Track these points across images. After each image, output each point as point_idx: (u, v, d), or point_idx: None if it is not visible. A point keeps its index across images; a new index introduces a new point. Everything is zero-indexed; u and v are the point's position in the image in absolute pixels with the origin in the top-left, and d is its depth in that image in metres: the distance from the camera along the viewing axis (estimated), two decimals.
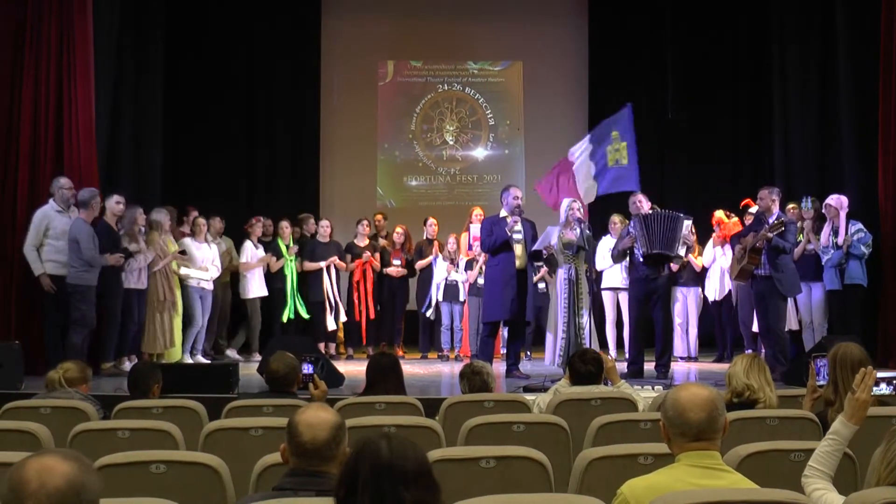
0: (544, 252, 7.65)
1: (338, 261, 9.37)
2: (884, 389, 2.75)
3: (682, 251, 7.60)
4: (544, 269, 9.05)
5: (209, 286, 8.58)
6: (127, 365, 7.43)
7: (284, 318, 9.21)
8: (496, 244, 7.64)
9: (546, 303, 8.79)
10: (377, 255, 9.68)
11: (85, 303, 7.21)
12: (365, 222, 9.76)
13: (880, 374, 2.78)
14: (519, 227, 7.69)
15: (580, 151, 8.30)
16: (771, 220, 7.24)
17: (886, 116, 8.22)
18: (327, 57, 11.53)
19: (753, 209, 8.62)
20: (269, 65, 11.36)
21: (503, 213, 7.79)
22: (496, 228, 7.67)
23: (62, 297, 7.26)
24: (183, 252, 8.32)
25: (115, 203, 7.69)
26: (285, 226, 9.41)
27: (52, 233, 7.26)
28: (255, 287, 9.20)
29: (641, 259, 7.61)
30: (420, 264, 9.75)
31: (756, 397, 3.82)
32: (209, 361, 8.48)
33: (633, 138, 7.94)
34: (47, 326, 7.38)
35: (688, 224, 7.60)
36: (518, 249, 7.66)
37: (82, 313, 7.19)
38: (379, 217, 10.11)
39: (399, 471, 1.90)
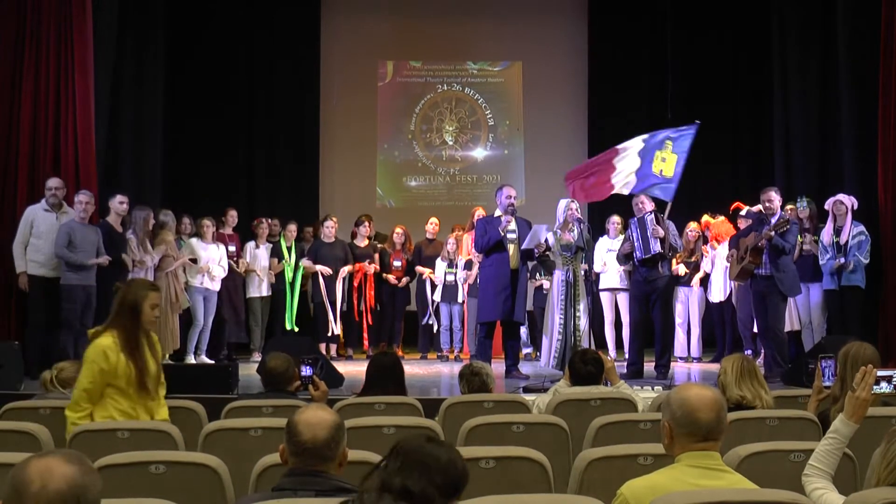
0: (536, 251, 7.65)
1: (343, 267, 9.39)
2: (884, 388, 2.74)
3: (656, 246, 7.58)
4: (541, 281, 9.09)
5: (213, 286, 8.60)
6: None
7: (289, 324, 9.30)
8: (489, 244, 7.63)
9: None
10: (376, 255, 9.70)
11: (69, 303, 7.21)
12: (367, 223, 9.76)
13: (880, 373, 2.77)
14: (513, 226, 7.68)
15: (629, 147, 8.03)
16: (773, 220, 7.23)
17: (886, 116, 8.22)
18: (327, 57, 11.53)
19: (744, 211, 8.64)
20: (269, 65, 11.37)
21: (497, 212, 7.79)
22: (489, 228, 7.67)
23: (42, 297, 7.25)
24: (194, 260, 8.36)
25: (118, 203, 7.70)
26: (292, 229, 9.44)
27: (36, 231, 7.27)
28: (258, 287, 9.22)
29: (637, 262, 7.63)
30: (419, 269, 9.73)
31: (753, 406, 3.80)
32: (213, 362, 8.50)
33: (686, 157, 7.76)
34: (29, 326, 7.34)
35: (650, 218, 7.58)
36: (511, 249, 7.64)
37: (66, 313, 7.20)
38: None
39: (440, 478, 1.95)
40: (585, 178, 8.10)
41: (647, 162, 7.85)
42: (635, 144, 7.97)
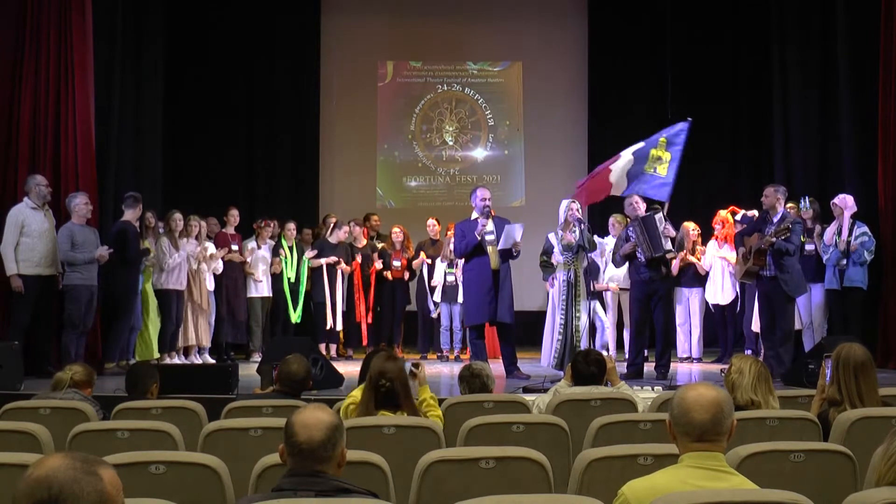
0: (514, 251, 7.65)
1: (344, 265, 9.40)
2: None
3: (667, 245, 7.58)
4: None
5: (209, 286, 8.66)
6: (168, 361, 7.80)
7: (294, 319, 9.32)
8: (468, 248, 7.67)
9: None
10: (375, 255, 9.71)
11: (73, 303, 7.24)
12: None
13: None
14: (490, 227, 7.69)
15: (628, 149, 7.96)
16: (776, 219, 7.22)
17: (886, 116, 8.23)
18: (327, 57, 11.53)
19: (739, 216, 8.64)
20: (269, 65, 11.37)
21: (474, 214, 7.79)
22: (467, 232, 7.69)
23: (34, 296, 7.20)
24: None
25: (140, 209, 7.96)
26: (291, 228, 9.45)
27: (28, 230, 7.17)
28: (258, 287, 9.21)
29: (644, 263, 7.61)
30: (415, 264, 9.74)
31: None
32: (213, 361, 8.49)
33: (680, 155, 7.60)
34: (12, 326, 7.17)
35: (659, 217, 7.57)
36: (490, 250, 7.66)
37: (69, 313, 7.23)
38: (376, 218, 10.18)
39: None
40: (589, 181, 8.08)
41: (639, 161, 7.74)
42: (634, 147, 7.94)
